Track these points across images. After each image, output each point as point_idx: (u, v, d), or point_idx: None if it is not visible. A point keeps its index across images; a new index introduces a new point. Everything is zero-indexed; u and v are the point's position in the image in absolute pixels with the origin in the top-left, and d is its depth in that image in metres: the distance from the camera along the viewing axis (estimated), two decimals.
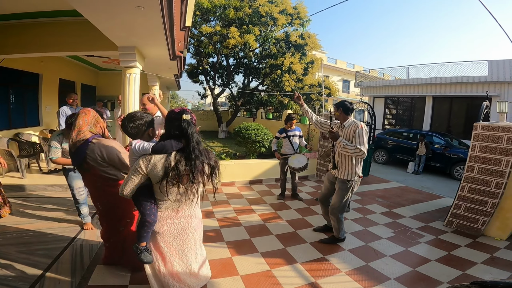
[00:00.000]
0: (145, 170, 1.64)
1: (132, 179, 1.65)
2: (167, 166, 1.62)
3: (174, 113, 1.74)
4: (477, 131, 3.75)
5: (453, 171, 7.88)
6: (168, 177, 1.61)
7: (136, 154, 1.70)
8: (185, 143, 1.68)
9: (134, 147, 1.71)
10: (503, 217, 3.61)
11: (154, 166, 1.63)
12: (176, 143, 1.67)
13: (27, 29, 4.54)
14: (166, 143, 1.66)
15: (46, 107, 7.10)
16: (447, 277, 2.65)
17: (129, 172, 1.67)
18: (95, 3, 2.78)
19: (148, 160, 1.64)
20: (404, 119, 14.43)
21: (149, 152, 1.67)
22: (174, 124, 1.70)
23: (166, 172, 1.61)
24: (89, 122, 2.16)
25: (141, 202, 1.70)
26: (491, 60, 10.42)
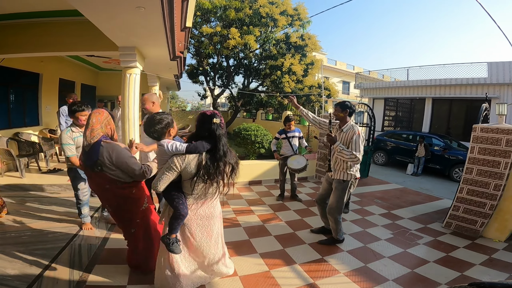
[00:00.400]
0: (179, 168, 1.83)
1: (167, 175, 1.82)
2: (199, 165, 1.83)
3: (206, 116, 1.92)
4: (476, 133, 3.76)
5: (452, 173, 7.89)
6: (199, 175, 1.83)
7: (168, 153, 1.86)
8: (214, 144, 1.88)
9: (166, 147, 1.85)
10: (501, 218, 3.62)
11: (188, 165, 1.83)
12: (206, 144, 1.87)
13: (27, 28, 4.55)
14: (198, 145, 1.85)
15: (46, 107, 7.10)
16: (445, 279, 2.66)
17: (163, 169, 1.83)
18: (96, 3, 2.78)
19: (183, 159, 1.83)
20: (404, 121, 14.45)
21: (182, 152, 1.83)
22: (205, 126, 1.89)
23: (198, 170, 1.83)
24: (101, 122, 2.15)
25: (174, 197, 1.89)
26: (491, 62, 10.44)
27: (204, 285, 2.39)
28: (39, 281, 2.27)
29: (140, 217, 2.34)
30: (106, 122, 2.19)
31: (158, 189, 1.82)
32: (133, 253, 2.44)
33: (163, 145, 1.87)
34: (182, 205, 1.88)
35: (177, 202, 1.88)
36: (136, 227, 2.34)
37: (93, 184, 2.31)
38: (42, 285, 2.22)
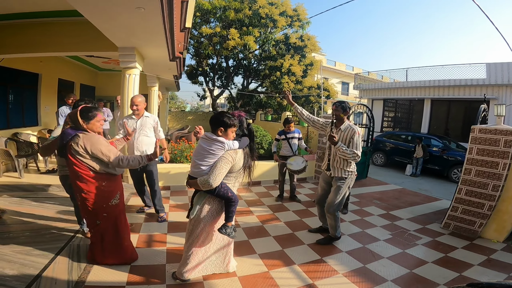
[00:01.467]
0: (234, 161, 2.06)
1: (224, 169, 2.02)
2: (245, 157, 2.16)
3: (243, 117, 2.22)
4: (475, 134, 3.78)
5: (450, 173, 7.91)
6: (244, 165, 2.16)
7: (224, 150, 2.05)
8: (251, 142, 2.24)
9: (229, 146, 2.06)
10: (500, 219, 3.63)
11: (240, 159, 2.11)
12: (247, 140, 2.20)
13: (27, 29, 4.55)
14: (244, 141, 2.18)
15: (45, 107, 7.09)
16: (443, 279, 2.66)
17: (219, 165, 2.01)
18: (96, 3, 2.79)
19: (236, 154, 2.08)
20: (403, 122, 14.47)
21: (236, 148, 2.10)
22: (243, 126, 2.22)
23: (244, 163, 2.15)
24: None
25: (225, 189, 2.10)
26: (489, 63, 10.47)
27: (203, 284, 2.41)
28: (37, 282, 2.26)
29: (108, 211, 2.44)
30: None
31: (217, 182, 1.98)
32: (97, 245, 2.54)
33: (224, 142, 2.04)
34: (231, 193, 2.12)
35: (227, 192, 2.10)
36: (102, 220, 2.44)
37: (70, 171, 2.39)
38: (41, 286, 2.21)
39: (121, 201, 2.56)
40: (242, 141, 2.15)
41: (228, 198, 2.11)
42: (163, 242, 3.15)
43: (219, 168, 1.99)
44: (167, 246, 3.05)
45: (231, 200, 2.12)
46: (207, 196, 2.15)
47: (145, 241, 3.15)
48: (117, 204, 2.50)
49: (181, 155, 5.48)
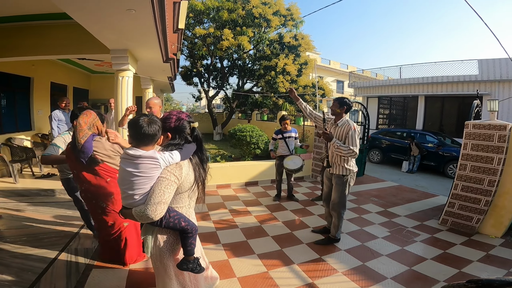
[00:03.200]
0: (180, 180, 1.49)
1: (167, 193, 1.42)
2: (195, 170, 1.59)
3: (184, 121, 1.62)
4: (469, 130, 3.80)
5: (446, 169, 7.97)
6: (196, 181, 1.59)
7: (162, 167, 1.47)
8: (198, 148, 1.66)
9: (166, 161, 1.47)
10: (497, 214, 3.65)
11: (188, 174, 1.53)
12: (193, 146, 1.63)
13: (17, 32, 4.48)
14: (188, 149, 1.58)
15: (38, 111, 7.00)
16: (443, 276, 2.67)
17: (158, 189, 1.40)
18: (85, 6, 2.74)
19: (180, 169, 1.49)
20: (398, 119, 14.57)
21: (178, 161, 1.51)
22: (185, 132, 1.61)
23: (196, 176, 1.59)
24: (88, 123, 2.29)
25: (174, 217, 1.54)
26: (481, 59, 10.59)
27: None
28: (36, 286, 2.25)
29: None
30: (93, 123, 2.34)
31: (159, 213, 1.39)
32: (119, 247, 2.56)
33: (156, 157, 1.44)
34: (187, 221, 1.58)
35: (179, 221, 1.55)
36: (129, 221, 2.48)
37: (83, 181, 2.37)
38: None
39: None
40: (185, 150, 1.55)
41: (181, 229, 1.57)
42: None
43: (158, 193, 1.39)
44: None
45: (186, 231, 1.58)
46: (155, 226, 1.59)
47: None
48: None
49: None
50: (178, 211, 1.59)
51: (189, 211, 1.68)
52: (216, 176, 5.52)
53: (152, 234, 1.60)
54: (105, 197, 2.35)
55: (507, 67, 9.64)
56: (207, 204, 4.54)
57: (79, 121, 2.26)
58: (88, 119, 2.32)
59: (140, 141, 1.47)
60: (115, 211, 2.39)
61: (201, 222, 3.81)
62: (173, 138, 1.58)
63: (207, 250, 3.01)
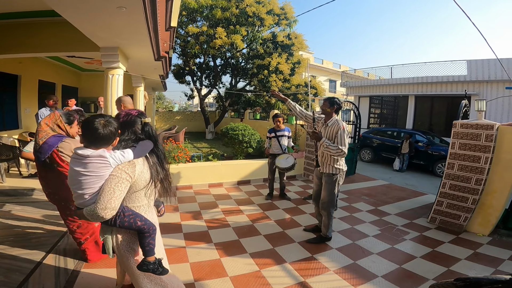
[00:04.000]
0: (133, 178, 1.46)
1: (117, 192, 1.38)
2: (152, 168, 1.55)
3: (132, 116, 1.58)
4: (457, 129, 3.87)
5: (435, 168, 8.12)
6: (154, 179, 1.56)
7: (113, 165, 1.44)
8: (154, 145, 1.62)
9: (116, 159, 1.44)
10: (484, 213, 3.73)
11: (142, 172, 1.50)
12: (150, 143, 1.59)
13: (5, 29, 4.36)
14: (142, 147, 1.55)
15: (25, 110, 6.85)
16: (432, 274, 2.72)
17: (108, 187, 1.37)
18: (75, 3, 2.69)
19: (133, 166, 1.46)
20: (388, 118, 14.76)
21: (131, 159, 1.48)
22: (135, 128, 1.57)
23: (152, 174, 1.55)
24: (50, 124, 2.31)
25: (129, 216, 1.50)
26: (470, 60, 10.81)
27: (195, 285, 2.38)
28: (24, 286, 2.21)
29: None
30: (56, 123, 2.33)
31: (109, 212, 1.35)
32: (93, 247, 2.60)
33: (105, 156, 1.40)
34: (143, 221, 1.53)
35: (135, 221, 1.50)
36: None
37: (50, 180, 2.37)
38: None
39: None
40: (139, 147, 1.53)
41: (138, 229, 1.53)
42: None
43: (108, 192, 1.36)
44: None
45: (142, 231, 1.53)
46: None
47: None
48: None
49: (168, 155, 5.40)
50: (136, 210, 1.56)
51: (149, 210, 1.65)
52: (208, 175, 5.50)
53: (112, 234, 1.57)
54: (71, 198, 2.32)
55: (495, 67, 9.86)
56: (199, 203, 4.52)
57: (40, 123, 2.28)
58: (50, 120, 2.33)
59: (93, 143, 1.43)
60: None
61: (192, 221, 3.79)
62: (122, 134, 1.55)
63: (199, 250, 3.01)
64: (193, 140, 13.31)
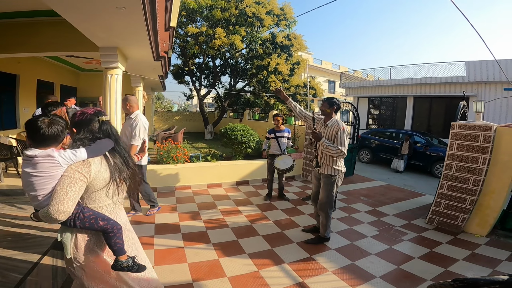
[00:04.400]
0: (88, 178, 1.40)
1: (71, 192, 1.33)
2: (111, 167, 1.50)
3: (88, 114, 1.53)
4: (455, 130, 3.89)
5: (433, 169, 8.14)
6: (115, 178, 1.51)
7: (63, 165, 1.38)
8: (115, 143, 1.57)
9: (60, 157, 1.37)
10: (482, 213, 3.75)
11: (99, 171, 1.45)
12: (109, 142, 1.54)
13: (4, 29, 4.35)
14: (100, 145, 1.50)
15: (24, 109, 6.83)
16: (430, 275, 2.73)
17: (61, 188, 1.32)
18: (74, 3, 2.68)
19: (87, 166, 1.41)
20: (387, 119, 14.80)
21: (84, 158, 1.42)
22: (92, 127, 1.52)
23: (112, 173, 1.50)
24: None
25: (89, 217, 1.45)
26: (468, 61, 10.85)
27: (193, 285, 2.38)
28: (21, 286, 2.21)
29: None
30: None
31: (64, 213, 1.29)
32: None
33: (53, 156, 1.35)
34: (105, 220, 1.48)
35: (96, 221, 1.45)
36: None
37: None
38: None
39: None
40: (94, 146, 1.47)
41: (101, 229, 1.48)
42: (150, 244, 3.09)
43: (61, 193, 1.31)
44: (154, 248, 3.00)
45: (106, 231, 1.49)
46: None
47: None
48: None
49: (167, 156, 5.40)
50: (98, 211, 1.51)
51: (115, 211, 1.60)
52: (207, 175, 5.50)
53: (72, 233, 1.50)
54: None
55: (494, 69, 9.91)
56: (198, 203, 4.52)
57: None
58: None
59: (39, 142, 1.38)
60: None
61: (191, 222, 3.79)
62: (77, 133, 1.51)
63: (197, 250, 3.01)
64: (192, 141, 13.31)
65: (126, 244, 1.59)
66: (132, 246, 1.69)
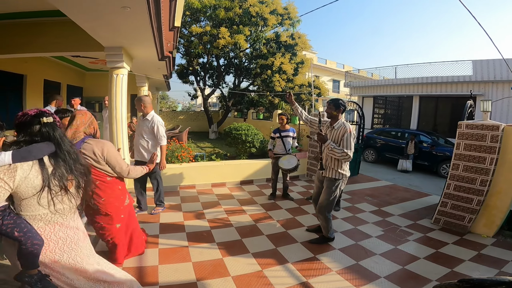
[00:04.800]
0: (11, 185, 1.29)
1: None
2: (45, 173, 1.37)
3: (28, 116, 1.45)
4: (462, 130, 3.84)
5: (439, 169, 8.06)
6: (49, 186, 1.38)
7: None
8: (57, 147, 1.46)
9: None
10: (489, 214, 3.70)
11: (25, 178, 1.32)
12: (46, 146, 1.42)
13: (11, 29, 4.41)
14: (31, 148, 1.37)
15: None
16: (435, 275, 2.70)
17: None
18: (79, 3, 2.71)
19: (13, 172, 1.29)
20: (392, 118, 14.68)
21: (8, 163, 1.30)
22: (31, 129, 1.43)
23: (44, 180, 1.37)
24: (85, 123, 2.25)
25: (7, 224, 1.32)
26: (475, 60, 10.71)
27: (197, 285, 2.39)
28: None
29: (125, 212, 2.54)
30: (89, 122, 2.29)
31: None
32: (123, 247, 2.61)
33: None
34: (21, 232, 1.33)
35: (12, 231, 1.31)
36: (121, 222, 2.52)
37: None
38: None
39: (130, 199, 2.68)
40: (23, 150, 1.35)
41: (15, 239, 1.34)
42: (155, 243, 3.11)
43: None
44: (159, 247, 3.02)
45: (20, 242, 1.33)
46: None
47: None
48: (129, 203, 2.63)
49: (172, 155, 5.43)
50: (31, 220, 1.40)
51: (55, 221, 1.46)
52: (211, 174, 5.51)
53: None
54: (96, 199, 2.32)
55: (501, 68, 9.77)
56: (202, 202, 4.53)
57: (76, 121, 2.21)
58: (85, 118, 2.27)
59: None
60: (107, 213, 2.38)
61: (195, 221, 3.81)
62: (18, 135, 1.43)
63: (201, 249, 3.02)
64: (196, 140, 13.36)
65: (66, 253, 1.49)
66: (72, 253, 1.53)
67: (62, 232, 1.50)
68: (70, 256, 1.51)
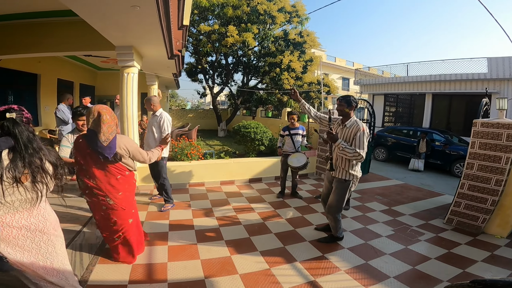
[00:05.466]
0: None
1: None
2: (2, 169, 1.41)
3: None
4: (477, 128, 3.74)
5: (453, 168, 7.87)
6: (2, 177, 1.40)
7: None
8: (15, 142, 1.50)
9: None
10: (503, 214, 3.60)
11: None
12: (3, 141, 1.46)
13: (24, 29, 4.52)
14: None
15: (45, 107, 7.10)
16: (446, 275, 2.65)
17: None
18: (90, 3, 2.75)
19: None
20: (404, 117, 14.42)
21: None
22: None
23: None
24: (114, 118, 2.33)
25: None
26: (491, 57, 10.39)
27: (205, 282, 2.41)
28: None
29: (134, 205, 2.63)
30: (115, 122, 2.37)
31: None
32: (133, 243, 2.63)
33: None
34: None
35: None
36: (133, 217, 2.59)
37: (102, 177, 2.35)
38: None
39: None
40: None
41: None
42: (164, 240, 3.14)
43: None
44: (168, 245, 3.05)
45: None
46: None
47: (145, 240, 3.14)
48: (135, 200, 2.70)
49: (181, 153, 5.47)
50: None
51: (11, 213, 1.51)
52: (220, 172, 5.54)
53: None
54: (114, 194, 2.37)
55: None
56: (211, 200, 4.56)
57: (105, 116, 2.22)
58: (110, 113, 2.30)
59: None
60: (123, 208, 2.42)
61: (204, 219, 3.83)
62: None
63: (209, 247, 3.04)
64: (206, 138, 13.44)
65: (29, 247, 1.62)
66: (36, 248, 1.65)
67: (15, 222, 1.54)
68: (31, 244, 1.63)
